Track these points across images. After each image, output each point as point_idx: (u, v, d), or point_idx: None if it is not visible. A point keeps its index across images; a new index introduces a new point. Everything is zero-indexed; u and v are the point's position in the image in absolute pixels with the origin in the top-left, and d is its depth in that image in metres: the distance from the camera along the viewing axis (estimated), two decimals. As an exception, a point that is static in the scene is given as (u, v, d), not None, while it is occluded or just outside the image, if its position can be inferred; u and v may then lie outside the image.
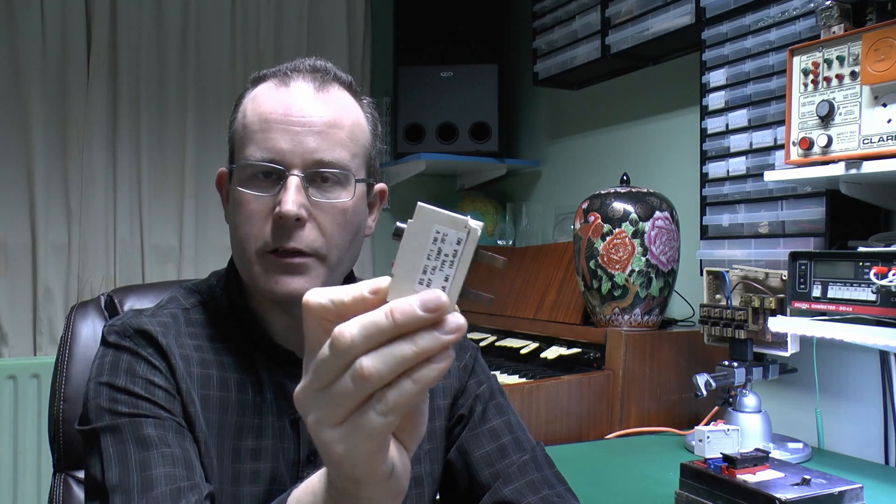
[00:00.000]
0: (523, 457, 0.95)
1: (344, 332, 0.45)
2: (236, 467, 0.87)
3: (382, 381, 0.45)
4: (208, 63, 2.67)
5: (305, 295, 0.47)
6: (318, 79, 0.88)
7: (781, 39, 1.60)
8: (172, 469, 0.77)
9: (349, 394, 0.45)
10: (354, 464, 0.47)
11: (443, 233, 0.46)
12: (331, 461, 0.48)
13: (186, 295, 0.95)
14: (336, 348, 0.45)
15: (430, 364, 0.45)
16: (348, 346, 0.45)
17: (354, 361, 0.45)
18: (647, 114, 2.25)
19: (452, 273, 0.46)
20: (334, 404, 0.46)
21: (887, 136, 1.25)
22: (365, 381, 0.45)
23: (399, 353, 0.45)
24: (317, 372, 0.47)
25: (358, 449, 0.47)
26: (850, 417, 1.56)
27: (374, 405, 0.45)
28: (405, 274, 0.46)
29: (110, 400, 0.82)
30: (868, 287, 1.20)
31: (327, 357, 0.46)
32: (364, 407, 0.46)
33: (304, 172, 0.84)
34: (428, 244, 0.46)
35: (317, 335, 0.47)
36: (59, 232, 2.47)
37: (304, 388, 0.48)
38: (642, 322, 1.77)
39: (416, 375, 0.45)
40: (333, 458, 0.48)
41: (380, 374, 0.44)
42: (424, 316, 0.44)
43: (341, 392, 0.46)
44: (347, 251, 0.89)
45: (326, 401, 0.46)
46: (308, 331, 0.48)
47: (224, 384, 0.88)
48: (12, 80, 2.40)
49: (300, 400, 0.48)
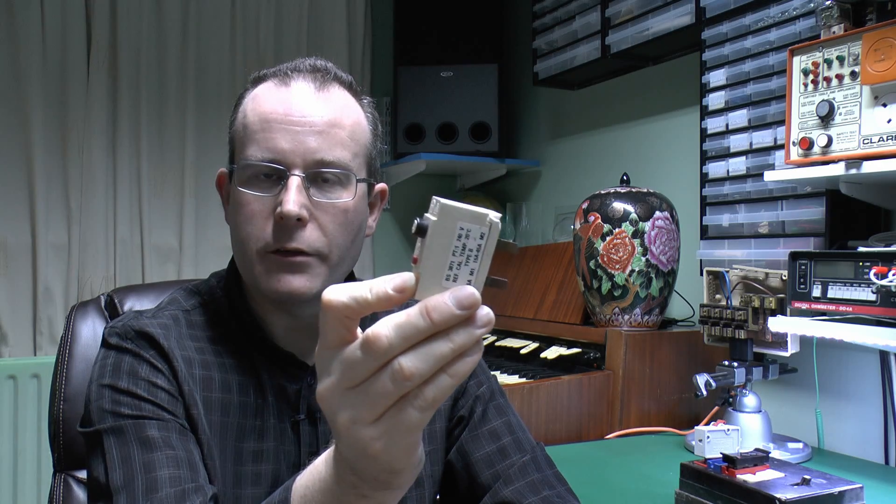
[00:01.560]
0: (524, 457, 0.95)
1: (380, 335, 0.45)
2: (238, 469, 0.86)
3: (423, 380, 0.46)
4: (208, 63, 2.67)
5: (325, 292, 0.47)
6: (319, 78, 0.88)
7: (781, 39, 1.60)
8: (177, 471, 0.77)
9: (388, 393, 0.46)
10: (393, 457, 0.48)
11: (467, 229, 0.47)
12: (367, 457, 0.49)
13: (187, 296, 0.95)
14: (373, 351, 0.45)
15: (465, 358, 0.46)
16: (386, 348, 0.45)
17: (392, 361, 0.45)
18: (647, 114, 2.25)
19: (477, 267, 0.47)
20: (371, 403, 0.47)
21: (887, 136, 1.25)
22: (406, 380, 0.45)
23: (438, 352, 0.45)
24: (347, 372, 0.47)
25: (397, 444, 0.48)
26: (850, 417, 1.56)
27: (412, 401, 0.46)
28: (432, 271, 0.47)
29: (113, 402, 0.81)
30: (868, 287, 1.20)
31: (360, 358, 0.46)
32: (401, 403, 0.46)
33: (304, 172, 0.84)
34: (453, 241, 0.47)
35: (336, 332, 0.47)
36: (59, 232, 2.47)
37: (332, 388, 0.48)
38: (642, 322, 1.77)
39: (451, 370, 0.46)
40: (371, 454, 0.48)
41: (420, 373, 0.45)
42: (460, 314, 0.45)
43: (379, 391, 0.46)
44: (348, 251, 0.89)
45: (361, 400, 0.47)
46: (326, 328, 0.48)
47: (226, 386, 0.88)
48: (12, 80, 2.40)
49: (326, 399, 0.48)
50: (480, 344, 0.47)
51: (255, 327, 0.91)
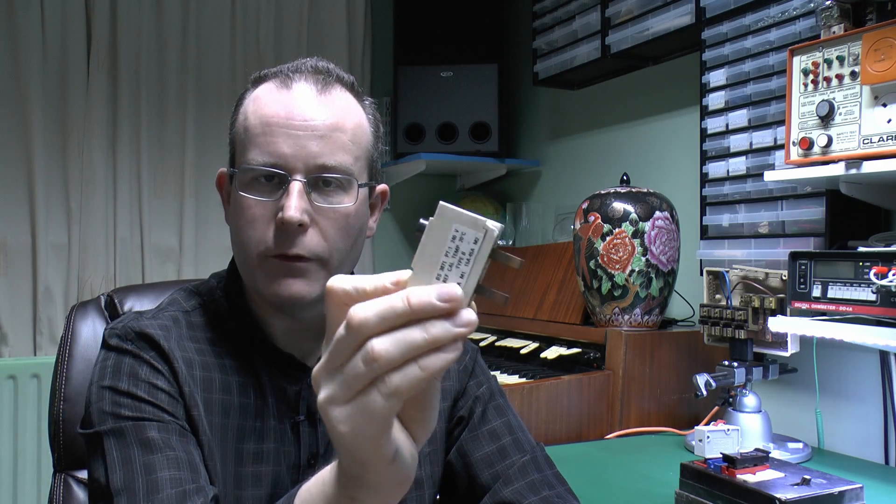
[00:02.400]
0: (523, 458, 0.95)
1: (358, 311, 0.47)
2: (239, 471, 0.86)
3: (391, 365, 0.46)
4: (208, 63, 2.67)
5: (329, 280, 0.49)
6: (321, 80, 0.87)
7: (781, 39, 1.60)
8: (177, 472, 0.77)
9: (359, 374, 0.47)
10: (358, 444, 0.49)
11: (461, 232, 0.48)
12: (336, 440, 0.50)
13: (187, 297, 0.95)
14: (350, 327, 0.47)
15: (439, 353, 0.47)
16: (361, 323, 0.46)
17: (367, 342, 0.46)
18: (647, 114, 2.25)
19: (468, 271, 0.48)
20: (344, 384, 0.48)
21: (887, 136, 1.25)
22: (374, 361, 0.46)
23: (410, 338, 0.46)
24: (332, 351, 0.48)
25: (362, 429, 0.48)
26: (850, 417, 1.56)
27: (377, 386, 0.47)
28: (424, 269, 0.48)
29: (113, 403, 0.81)
30: (868, 287, 1.20)
31: (343, 336, 0.47)
32: (369, 387, 0.47)
33: (306, 177, 0.83)
34: (447, 242, 0.48)
35: (337, 319, 0.49)
36: (59, 232, 2.47)
37: (320, 368, 0.50)
38: (642, 322, 1.77)
39: (423, 362, 0.47)
40: (337, 436, 0.49)
41: (389, 356, 0.46)
42: (439, 305, 0.46)
43: (352, 372, 0.47)
44: (349, 255, 0.89)
45: (338, 380, 0.48)
46: (329, 314, 0.50)
47: (226, 387, 0.88)
48: (12, 80, 2.40)
49: (316, 378, 0.50)
50: (458, 345, 0.47)
51: (255, 328, 0.91)
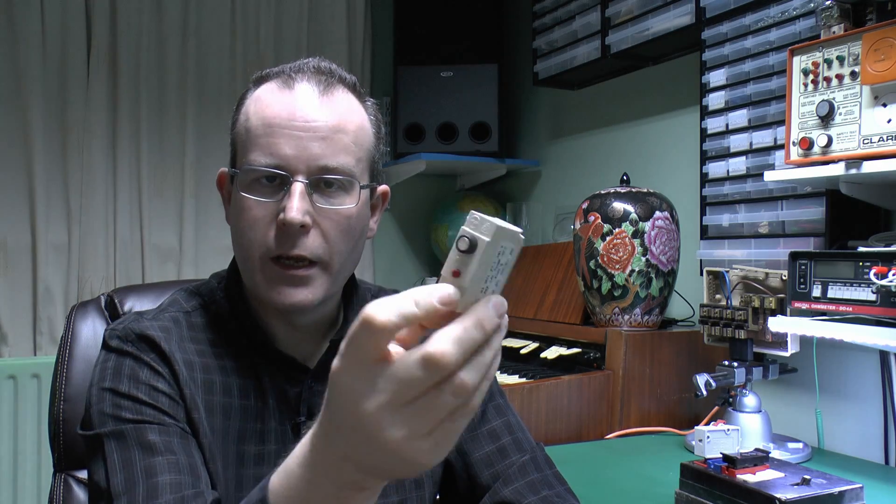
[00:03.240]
0: (523, 457, 0.95)
1: (445, 353, 0.46)
2: (240, 472, 0.86)
3: (475, 390, 0.48)
4: (208, 63, 2.67)
5: (368, 310, 0.47)
6: (323, 81, 0.87)
7: (781, 39, 1.60)
8: (178, 476, 0.77)
9: (448, 407, 0.48)
10: (435, 460, 0.50)
11: (508, 247, 0.50)
12: (413, 466, 0.50)
13: (187, 298, 0.95)
14: (438, 369, 0.47)
15: (497, 359, 0.49)
16: (451, 365, 0.47)
17: (453, 377, 0.47)
18: (647, 114, 2.25)
19: (505, 278, 0.51)
20: (429, 417, 0.48)
21: (887, 136, 1.25)
22: (466, 393, 0.47)
23: (486, 361, 0.48)
24: (403, 390, 0.47)
25: (442, 454, 0.50)
26: (850, 417, 1.56)
27: (462, 411, 0.48)
28: (475, 284, 0.49)
29: (114, 406, 0.81)
30: (868, 287, 1.20)
31: (420, 376, 0.47)
32: (453, 415, 0.48)
33: (308, 179, 0.83)
34: (494, 257, 0.50)
35: (377, 349, 0.48)
36: (59, 232, 2.47)
37: (383, 406, 0.48)
38: (642, 322, 1.77)
39: (489, 374, 0.49)
40: (420, 464, 0.50)
41: (474, 383, 0.48)
42: (500, 322, 0.49)
43: (440, 406, 0.48)
44: (350, 256, 0.89)
45: (419, 414, 0.48)
46: (366, 344, 0.48)
47: (227, 389, 0.88)
48: (12, 81, 2.40)
49: (373, 417, 0.48)
50: None
51: (256, 330, 0.91)
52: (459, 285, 0.49)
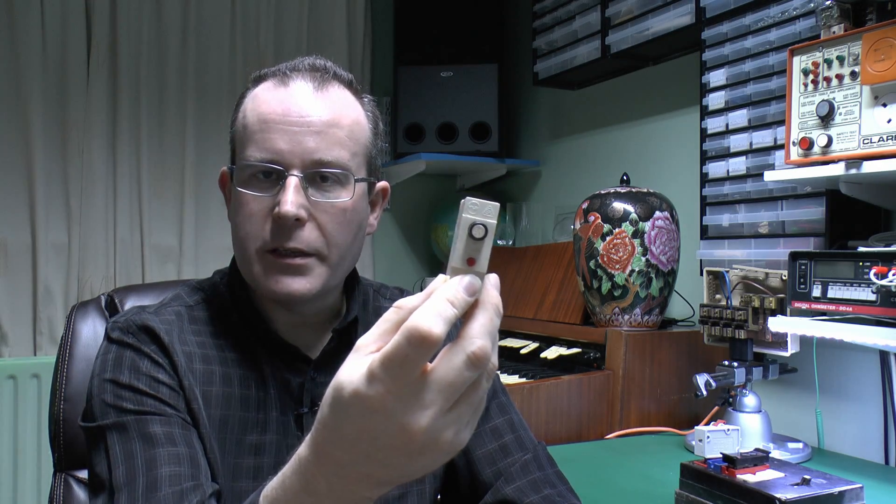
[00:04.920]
0: (525, 455, 0.95)
1: (485, 348, 0.48)
2: (239, 463, 0.87)
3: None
4: (208, 63, 2.67)
5: (420, 325, 0.46)
6: (318, 78, 0.88)
7: (781, 39, 1.60)
8: (178, 468, 0.78)
9: (483, 391, 0.50)
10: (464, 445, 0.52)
11: (496, 223, 0.51)
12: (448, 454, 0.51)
13: (190, 292, 0.96)
14: (481, 364, 0.48)
15: None
16: (490, 356, 0.49)
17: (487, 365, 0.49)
18: (647, 114, 2.25)
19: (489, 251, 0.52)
20: (469, 408, 0.50)
21: (887, 136, 1.25)
22: (494, 372, 0.50)
23: (497, 335, 0.50)
24: (452, 394, 0.48)
25: (473, 429, 0.52)
26: (850, 417, 1.56)
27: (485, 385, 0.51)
28: (486, 266, 0.51)
29: (115, 396, 0.82)
30: (868, 287, 1.20)
31: (468, 376, 0.48)
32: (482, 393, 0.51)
33: (303, 172, 0.84)
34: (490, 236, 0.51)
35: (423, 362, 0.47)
36: (59, 232, 2.47)
37: (435, 417, 0.48)
38: (642, 322, 1.77)
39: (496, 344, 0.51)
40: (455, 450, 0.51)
41: (497, 361, 0.50)
42: None
43: (479, 393, 0.50)
44: (348, 250, 0.90)
45: (463, 410, 0.49)
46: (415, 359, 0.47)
47: (227, 380, 0.88)
48: (12, 81, 2.40)
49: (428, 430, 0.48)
50: None
51: (259, 320, 0.92)
52: (477, 272, 0.50)
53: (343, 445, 0.50)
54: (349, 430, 0.49)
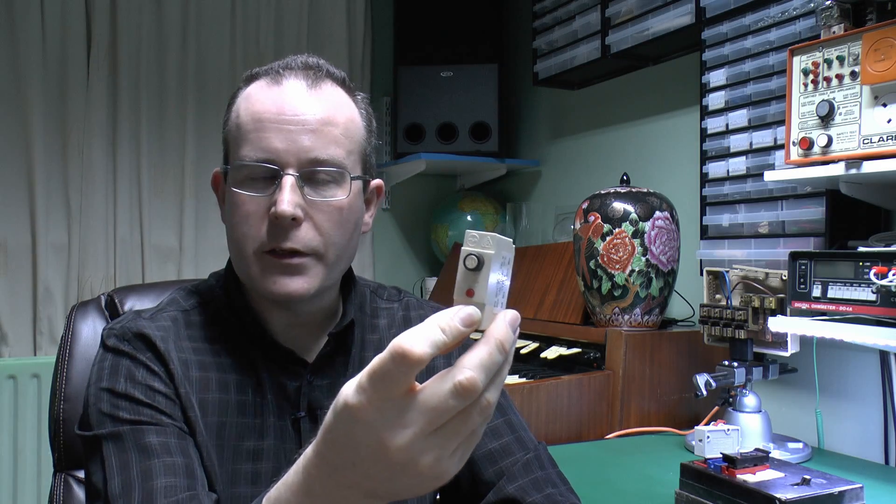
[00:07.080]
0: (526, 455, 0.95)
1: (475, 381, 0.47)
2: (237, 469, 0.86)
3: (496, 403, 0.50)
4: (208, 63, 2.67)
5: (402, 344, 0.47)
6: (311, 76, 0.88)
7: (781, 39, 1.60)
8: (174, 479, 0.77)
9: (474, 425, 0.49)
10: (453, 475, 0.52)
11: (507, 257, 0.52)
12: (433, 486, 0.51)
13: (186, 296, 0.95)
14: (469, 395, 0.48)
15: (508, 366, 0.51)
16: (480, 390, 0.48)
17: (480, 398, 0.49)
18: (647, 114, 2.25)
19: (509, 283, 0.53)
20: (456, 438, 0.49)
21: (887, 136, 1.25)
22: (490, 410, 0.49)
23: (503, 376, 0.50)
24: (434, 419, 0.48)
25: (464, 461, 0.51)
26: (850, 417, 1.56)
27: (482, 423, 0.50)
28: (490, 300, 0.51)
29: (112, 406, 0.82)
30: (868, 287, 1.20)
31: (452, 405, 0.48)
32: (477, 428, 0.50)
33: (298, 171, 0.84)
34: (499, 267, 0.51)
35: (408, 382, 0.48)
36: (59, 232, 2.47)
37: (415, 438, 0.48)
38: (642, 322, 1.77)
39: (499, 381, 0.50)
40: (441, 482, 0.51)
41: (496, 400, 0.50)
42: (515, 338, 0.50)
43: (469, 426, 0.49)
44: (345, 249, 0.89)
45: (447, 437, 0.49)
46: (395, 377, 0.48)
47: (223, 386, 0.88)
48: (12, 81, 2.40)
49: (406, 449, 0.49)
50: None
51: (255, 324, 0.91)
52: (476, 303, 0.50)
53: (335, 448, 0.52)
54: (339, 434, 0.51)
